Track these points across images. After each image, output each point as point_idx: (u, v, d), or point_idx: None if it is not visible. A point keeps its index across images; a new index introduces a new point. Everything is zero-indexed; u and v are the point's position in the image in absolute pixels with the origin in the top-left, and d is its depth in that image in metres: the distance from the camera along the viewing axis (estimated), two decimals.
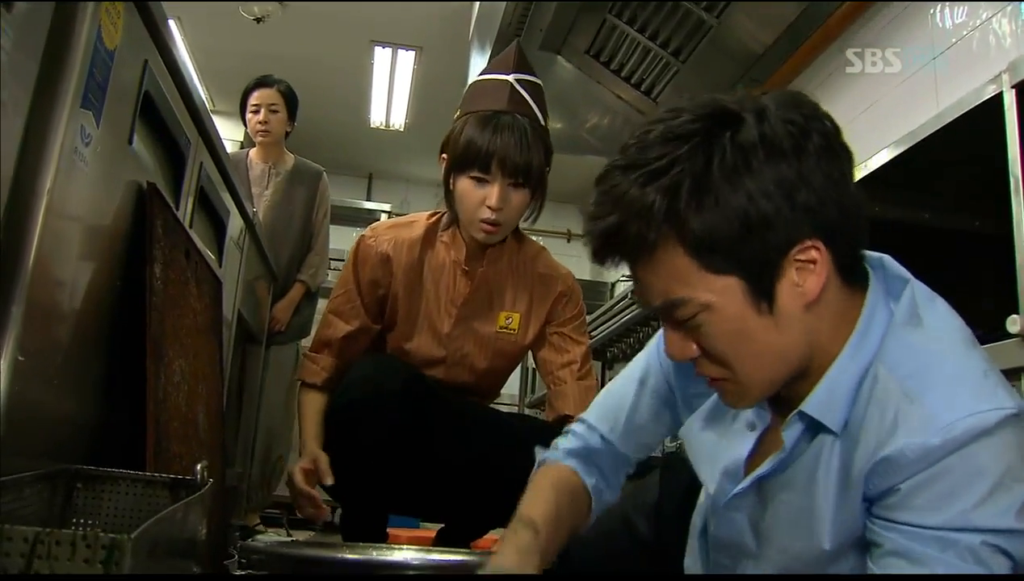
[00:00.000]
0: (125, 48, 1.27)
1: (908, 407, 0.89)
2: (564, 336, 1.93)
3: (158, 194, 1.46)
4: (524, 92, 1.78)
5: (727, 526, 1.09)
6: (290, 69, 3.96)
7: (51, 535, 0.68)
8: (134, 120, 1.37)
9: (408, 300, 1.87)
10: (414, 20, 4.69)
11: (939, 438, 0.85)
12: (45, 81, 1.08)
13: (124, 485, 1.13)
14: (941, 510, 0.86)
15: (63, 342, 1.19)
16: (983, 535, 0.84)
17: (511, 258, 1.91)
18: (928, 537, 0.86)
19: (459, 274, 1.87)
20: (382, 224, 1.93)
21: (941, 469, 0.86)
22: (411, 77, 5.34)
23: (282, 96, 3.47)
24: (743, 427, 1.06)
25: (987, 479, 0.85)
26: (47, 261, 1.09)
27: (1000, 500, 0.84)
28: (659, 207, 0.87)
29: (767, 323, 0.91)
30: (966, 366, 0.91)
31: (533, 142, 1.73)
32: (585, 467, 1.25)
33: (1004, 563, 0.85)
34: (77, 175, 1.16)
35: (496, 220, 1.75)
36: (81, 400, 1.27)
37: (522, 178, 1.74)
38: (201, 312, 1.71)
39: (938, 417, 0.86)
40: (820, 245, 0.90)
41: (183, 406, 1.48)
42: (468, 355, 1.91)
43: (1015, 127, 1.36)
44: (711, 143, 0.88)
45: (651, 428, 1.25)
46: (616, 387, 1.28)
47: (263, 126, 3.41)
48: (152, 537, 0.77)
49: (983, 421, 0.85)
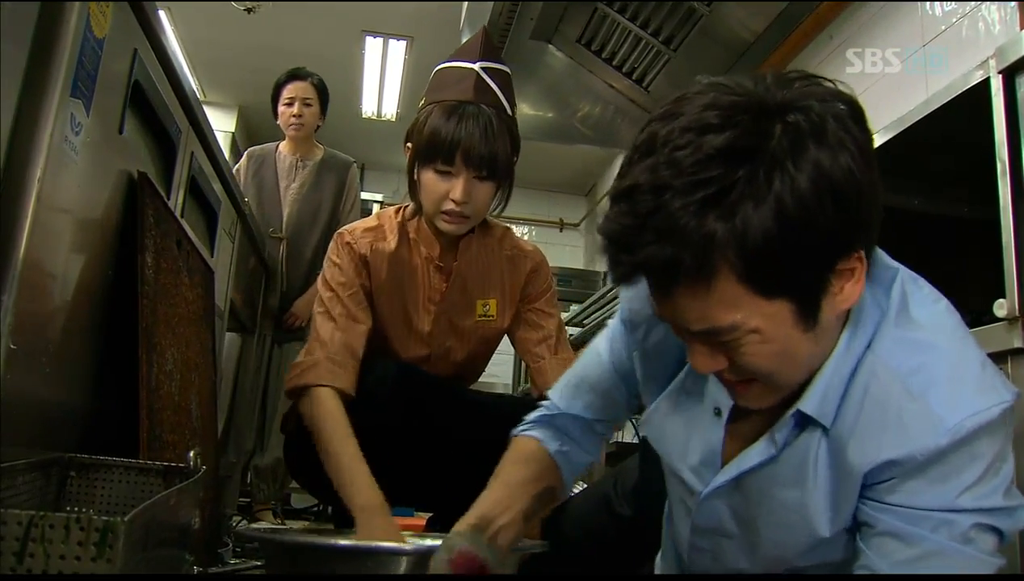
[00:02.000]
0: (114, 37, 1.27)
1: (912, 406, 0.89)
2: (537, 311, 1.92)
3: (149, 183, 1.46)
4: (490, 81, 1.74)
5: (708, 515, 1.09)
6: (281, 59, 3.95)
7: (45, 518, 0.68)
8: (124, 109, 1.37)
9: (388, 305, 1.85)
10: (405, 10, 4.67)
11: (947, 439, 0.87)
12: (34, 70, 1.08)
13: (117, 473, 1.14)
14: (934, 492, 0.88)
15: (55, 331, 1.19)
16: (973, 515, 0.88)
17: (479, 245, 1.89)
18: (920, 518, 0.89)
19: (433, 271, 1.85)
20: (358, 227, 1.87)
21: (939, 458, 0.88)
22: (402, 67, 5.33)
23: (316, 89, 3.44)
24: (709, 412, 1.05)
25: (980, 464, 0.88)
26: (38, 250, 1.09)
27: (989, 481, 0.88)
28: (721, 236, 0.79)
29: (808, 338, 0.88)
30: (964, 358, 0.92)
31: (499, 133, 1.69)
32: (548, 433, 1.26)
33: (992, 541, 0.89)
34: (67, 164, 1.16)
35: (462, 213, 1.72)
36: (74, 389, 1.28)
37: (487, 171, 1.70)
38: (193, 301, 1.71)
39: (945, 418, 0.87)
40: (863, 253, 0.87)
41: (176, 395, 1.49)
42: (451, 349, 1.90)
43: (1002, 112, 1.37)
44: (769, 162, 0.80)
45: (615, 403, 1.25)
46: (579, 366, 1.28)
47: (297, 120, 3.38)
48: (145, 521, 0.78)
49: (987, 418, 0.87)
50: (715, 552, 1.12)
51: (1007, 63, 1.37)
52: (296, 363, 1.73)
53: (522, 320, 1.93)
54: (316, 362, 1.69)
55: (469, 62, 1.76)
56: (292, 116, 3.38)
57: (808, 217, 0.79)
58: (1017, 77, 1.36)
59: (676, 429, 1.10)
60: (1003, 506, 0.88)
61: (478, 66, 1.74)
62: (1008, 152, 1.35)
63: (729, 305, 0.84)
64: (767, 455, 0.99)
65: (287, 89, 3.42)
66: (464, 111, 1.68)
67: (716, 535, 1.10)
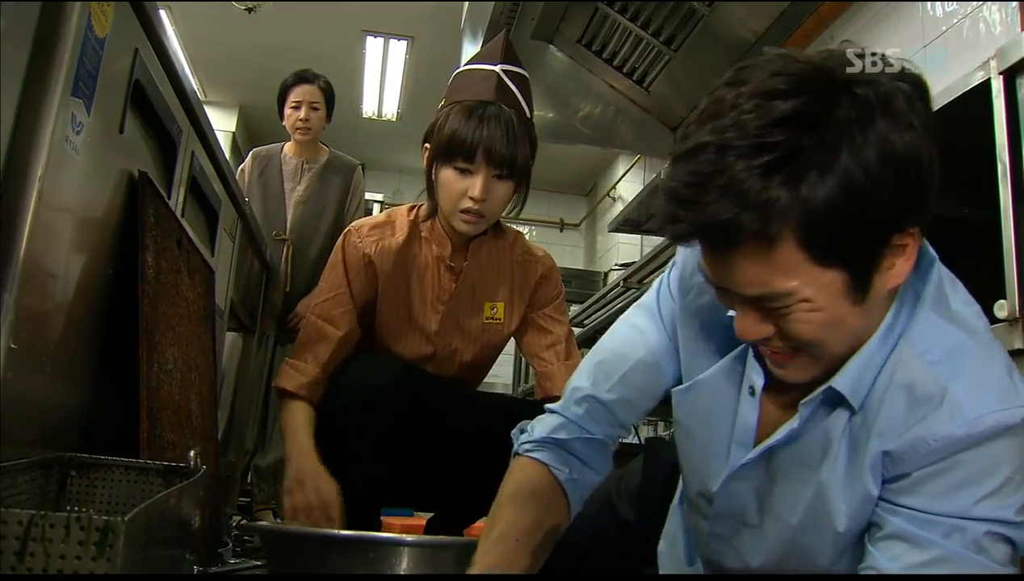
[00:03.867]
0: (115, 37, 1.27)
1: (934, 392, 0.89)
2: (546, 317, 1.93)
3: (150, 183, 1.46)
4: (511, 83, 1.76)
5: (730, 497, 1.07)
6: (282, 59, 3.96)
7: (45, 518, 0.68)
8: (125, 109, 1.37)
9: (395, 302, 1.85)
10: (406, 10, 4.68)
11: (964, 431, 0.86)
12: (35, 69, 1.08)
13: (118, 472, 1.14)
14: (950, 499, 0.87)
15: (56, 330, 1.19)
16: (987, 524, 0.86)
17: (490, 247, 1.89)
18: (934, 523, 0.88)
19: (443, 270, 1.86)
20: (366, 224, 1.89)
21: (956, 461, 0.87)
22: (403, 67, 5.34)
23: (323, 93, 3.42)
24: (745, 393, 1.03)
25: (1000, 474, 0.87)
26: (39, 249, 1.09)
27: (1009, 495, 0.87)
28: (784, 201, 0.79)
29: (857, 311, 0.88)
30: (992, 359, 0.91)
31: (519, 134, 1.71)
32: (557, 458, 1.18)
33: (1005, 550, 0.88)
34: (68, 163, 1.16)
35: (479, 211, 1.73)
36: (74, 388, 1.28)
37: (507, 170, 1.72)
38: (194, 301, 1.71)
39: (966, 409, 0.86)
40: (917, 231, 0.86)
41: (176, 394, 1.49)
42: (456, 350, 1.90)
43: (1003, 113, 1.37)
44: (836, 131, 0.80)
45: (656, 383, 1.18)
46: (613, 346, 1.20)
47: (304, 123, 3.36)
48: (146, 521, 0.78)
49: (1008, 418, 0.86)
50: (734, 542, 1.10)
51: (1008, 64, 1.36)
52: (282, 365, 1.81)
53: (530, 325, 1.94)
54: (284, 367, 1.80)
55: (491, 64, 1.78)
56: (299, 120, 3.36)
57: (872, 189, 0.80)
58: (1018, 78, 1.36)
59: (713, 408, 1.08)
60: (1016, 521, 0.87)
61: (499, 68, 1.77)
62: (1009, 154, 1.35)
63: (786, 271, 0.83)
64: (790, 428, 0.97)
65: (294, 92, 3.40)
66: (485, 111, 1.70)
67: (737, 523, 1.08)
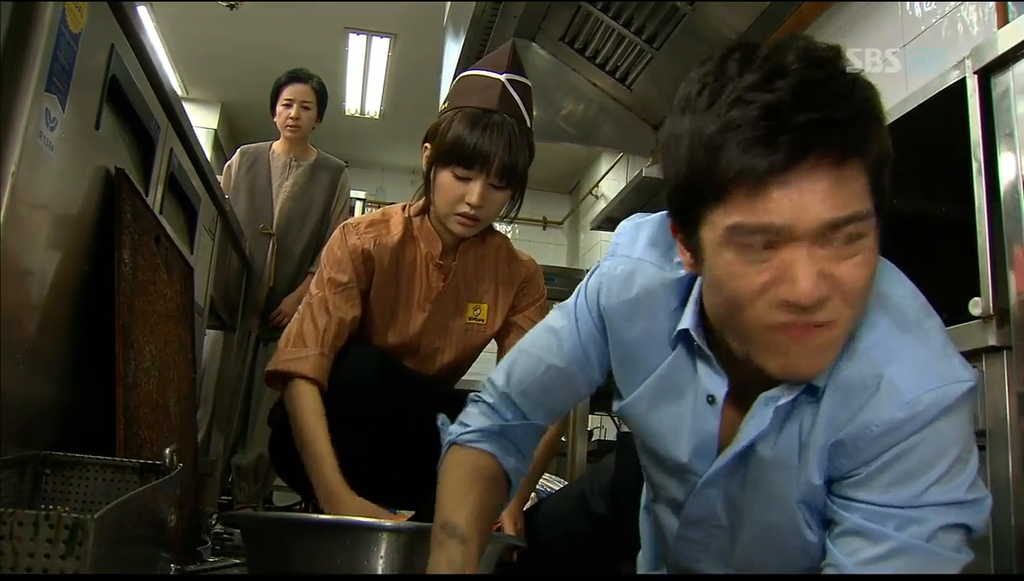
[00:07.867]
0: (91, 32, 1.26)
1: (872, 378, 0.89)
2: (527, 319, 1.94)
3: (126, 180, 1.45)
4: (515, 93, 1.78)
5: (700, 503, 1.07)
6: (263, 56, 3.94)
7: (14, 515, 0.68)
8: (101, 105, 1.36)
9: (384, 297, 1.86)
10: (388, 8, 4.66)
11: (904, 413, 0.87)
12: (7, 64, 1.07)
13: (93, 471, 1.13)
14: (901, 489, 0.88)
15: (31, 328, 1.18)
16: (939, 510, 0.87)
17: (478, 249, 1.92)
18: (887, 516, 0.88)
19: (432, 269, 1.87)
20: (363, 221, 1.89)
21: (903, 449, 0.88)
22: (386, 64, 5.31)
23: (315, 93, 3.47)
24: (701, 401, 1.02)
25: (947, 457, 0.88)
26: (13, 246, 1.09)
27: (956, 476, 0.88)
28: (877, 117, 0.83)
29: None
30: (927, 338, 0.92)
31: (520, 144, 1.74)
32: (502, 448, 1.17)
33: (958, 537, 0.89)
34: (43, 159, 1.15)
35: (475, 216, 1.75)
36: (50, 386, 1.27)
37: (505, 180, 1.74)
38: (172, 298, 1.70)
39: (903, 391, 0.87)
40: None
41: (154, 392, 1.48)
42: (439, 349, 1.91)
43: (977, 112, 1.38)
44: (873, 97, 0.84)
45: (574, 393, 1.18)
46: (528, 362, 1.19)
47: (294, 122, 3.40)
48: (117, 519, 0.77)
49: (946, 396, 0.87)
50: (704, 543, 1.11)
51: (983, 63, 1.38)
52: (282, 350, 1.76)
53: (511, 327, 1.95)
54: (286, 351, 1.74)
55: (496, 72, 1.79)
56: (289, 118, 3.41)
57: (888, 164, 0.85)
58: (992, 77, 1.37)
59: (665, 420, 1.07)
60: (968, 499, 0.88)
61: (504, 77, 1.78)
62: (983, 152, 1.36)
63: (863, 201, 0.82)
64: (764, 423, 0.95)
65: (287, 91, 3.45)
66: (489, 120, 1.72)
67: (707, 525, 1.08)
